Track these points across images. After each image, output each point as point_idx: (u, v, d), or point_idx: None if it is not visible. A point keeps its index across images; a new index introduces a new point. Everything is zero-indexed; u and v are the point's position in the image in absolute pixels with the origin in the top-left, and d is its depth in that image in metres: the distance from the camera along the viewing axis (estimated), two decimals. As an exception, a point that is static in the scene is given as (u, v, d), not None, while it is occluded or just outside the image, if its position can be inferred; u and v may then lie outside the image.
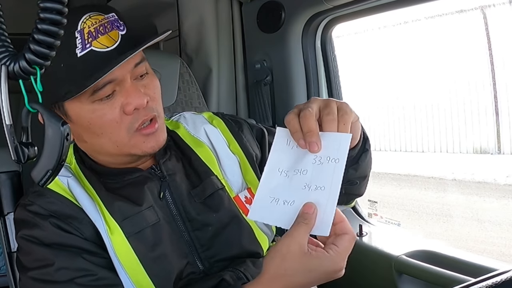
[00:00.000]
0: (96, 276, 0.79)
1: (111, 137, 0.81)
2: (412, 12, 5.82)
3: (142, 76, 0.82)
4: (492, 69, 5.44)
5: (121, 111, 0.79)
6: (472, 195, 4.92)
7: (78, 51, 0.74)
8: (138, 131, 0.81)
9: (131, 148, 0.82)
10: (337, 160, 0.67)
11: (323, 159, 0.68)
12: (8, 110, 0.47)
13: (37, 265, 0.79)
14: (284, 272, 0.68)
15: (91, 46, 0.75)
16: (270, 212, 0.70)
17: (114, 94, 0.78)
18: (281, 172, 0.70)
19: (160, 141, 0.84)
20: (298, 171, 0.69)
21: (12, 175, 1.11)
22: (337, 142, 0.68)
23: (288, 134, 0.70)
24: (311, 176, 0.68)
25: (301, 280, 0.69)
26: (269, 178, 0.70)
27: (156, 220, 0.84)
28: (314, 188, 0.68)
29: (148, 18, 1.92)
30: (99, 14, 0.77)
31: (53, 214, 0.81)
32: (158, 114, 0.83)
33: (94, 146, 0.85)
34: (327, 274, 0.69)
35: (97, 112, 0.78)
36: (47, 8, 0.43)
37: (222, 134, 0.98)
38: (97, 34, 0.75)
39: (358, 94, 6.61)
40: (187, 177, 0.90)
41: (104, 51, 0.76)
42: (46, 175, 0.49)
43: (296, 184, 0.69)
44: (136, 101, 0.78)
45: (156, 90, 0.84)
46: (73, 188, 0.84)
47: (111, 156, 0.85)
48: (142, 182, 0.86)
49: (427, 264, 1.17)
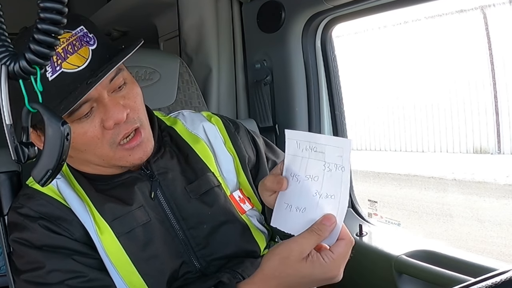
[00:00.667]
0: (87, 277, 0.79)
1: (96, 153, 0.80)
2: (412, 12, 5.81)
3: (120, 87, 0.80)
4: (492, 69, 5.44)
5: (101, 126, 0.78)
6: (472, 195, 4.92)
7: (49, 75, 0.72)
8: (121, 146, 0.80)
9: (118, 161, 0.82)
10: (343, 168, 0.67)
11: (331, 166, 0.67)
12: (8, 110, 0.47)
13: (29, 267, 0.80)
14: (278, 274, 0.69)
15: (61, 68, 0.73)
16: (285, 219, 0.70)
17: (93, 111, 0.77)
18: (293, 177, 0.69)
19: (148, 150, 0.83)
20: (310, 176, 0.68)
21: (12, 175, 1.11)
22: (340, 148, 0.67)
23: (297, 136, 0.69)
24: (322, 183, 0.68)
25: (293, 284, 0.70)
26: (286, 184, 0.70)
27: (147, 219, 0.83)
28: (325, 196, 0.68)
29: (148, 18, 1.92)
30: (66, 31, 0.74)
31: (43, 216, 0.81)
32: (141, 124, 0.82)
33: (80, 160, 0.84)
34: (320, 280, 0.70)
35: (78, 131, 0.77)
36: (47, 8, 0.43)
37: (220, 132, 0.97)
38: (65, 55, 0.73)
39: (358, 94, 6.61)
40: (182, 174, 0.90)
41: (76, 71, 0.73)
42: (46, 174, 0.49)
43: (307, 191, 0.68)
44: (115, 116, 0.77)
45: (137, 98, 0.82)
46: (63, 189, 0.84)
47: (98, 167, 0.85)
48: (132, 182, 0.86)
49: (427, 264, 1.17)
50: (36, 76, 0.46)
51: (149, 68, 1.31)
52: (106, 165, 0.84)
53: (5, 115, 0.47)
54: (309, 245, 0.67)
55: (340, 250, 0.69)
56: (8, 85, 0.46)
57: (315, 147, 0.67)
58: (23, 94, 0.47)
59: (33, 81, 0.46)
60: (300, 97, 1.46)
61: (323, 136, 0.68)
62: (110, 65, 0.73)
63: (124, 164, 0.83)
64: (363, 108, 6.90)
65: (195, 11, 1.55)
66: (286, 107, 1.48)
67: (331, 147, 0.67)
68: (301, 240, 0.68)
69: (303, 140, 0.68)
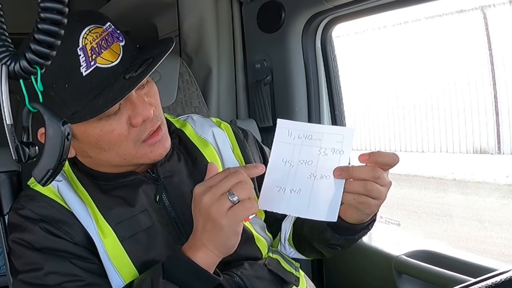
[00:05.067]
0: (85, 282, 0.79)
1: (119, 152, 0.80)
2: (412, 12, 5.82)
3: (143, 86, 0.81)
4: (492, 69, 5.44)
5: (128, 124, 0.78)
6: (472, 195, 4.93)
7: (83, 70, 0.72)
8: (145, 142, 0.80)
9: (139, 158, 0.82)
10: (342, 152, 0.71)
11: (328, 151, 0.71)
12: (9, 110, 0.47)
13: (27, 268, 0.79)
14: (201, 225, 0.72)
15: (96, 63, 0.72)
16: (278, 201, 0.72)
17: (120, 108, 0.77)
18: (285, 162, 0.72)
19: (166, 146, 0.84)
20: (303, 161, 0.71)
21: (12, 174, 1.11)
22: (340, 135, 0.71)
23: (289, 125, 0.72)
24: (316, 166, 0.71)
25: (215, 229, 0.70)
26: (274, 169, 0.72)
27: (150, 224, 0.83)
28: (319, 177, 0.71)
29: (148, 18, 1.92)
30: (98, 26, 0.74)
31: (43, 218, 0.81)
32: (162, 121, 0.83)
33: (99, 160, 0.83)
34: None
35: (105, 129, 0.77)
36: (47, 7, 0.43)
37: (229, 138, 0.97)
38: (100, 50, 0.73)
39: (358, 94, 6.61)
40: (189, 177, 0.90)
41: (109, 66, 0.74)
42: (47, 174, 0.49)
43: (302, 174, 0.71)
44: (144, 113, 0.77)
45: (157, 96, 0.84)
46: (64, 192, 0.83)
47: (115, 167, 0.85)
48: (137, 185, 0.86)
49: (427, 264, 1.17)
50: (36, 76, 0.46)
51: (149, 68, 1.31)
52: (125, 164, 0.83)
53: (6, 115, 0.47)
54: (213, 178, 0.70)
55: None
56: (9, 85, 0.46)
57: (310, 136, 0.71)
58: (24, 94, 0.47)
59: (34, 80, 0.46)
60: (300, 97, 1.47)
61: (321, 126, 0.72)
62: (149, 63, 0.74)
63: (145, 161, 0.83)
64: (363, 108, 6.90)
65: (195, 11, 1.55)
66: (286, 107, 1.48)
67: (330, 134, 0.71)
68: (205, 180, 0.72)
69: (296, 129, 0.71)
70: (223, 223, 0.69)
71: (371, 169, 0.71)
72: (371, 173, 0.70)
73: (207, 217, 0.70)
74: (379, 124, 6.91)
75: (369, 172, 0.71)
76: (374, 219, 0.85)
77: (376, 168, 0.71)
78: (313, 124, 0.73)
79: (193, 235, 0.74)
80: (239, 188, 0.69)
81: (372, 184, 0.71)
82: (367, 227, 0.85)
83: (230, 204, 0.68)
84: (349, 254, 1.33)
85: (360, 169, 0.71)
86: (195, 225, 0.73)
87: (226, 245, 0.72)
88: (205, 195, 0.69)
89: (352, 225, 0.80)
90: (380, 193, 0.72)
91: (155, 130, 0.81)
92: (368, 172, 0.71)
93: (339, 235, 0.83)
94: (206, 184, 0.71)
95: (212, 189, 0.69)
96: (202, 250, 0.72)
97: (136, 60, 0.77)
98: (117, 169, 0.85)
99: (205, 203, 0.69)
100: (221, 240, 0.71)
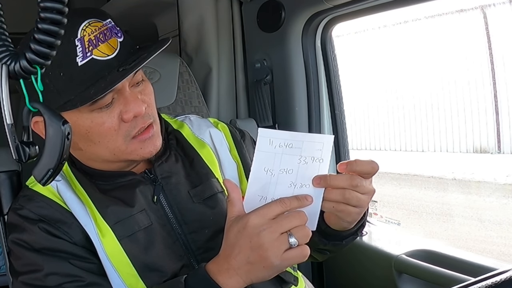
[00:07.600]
0: (85, 282, 0.79)
1: (108, 145, 0.80)
2: (412, 12, 5.82)
3: (138, 83, 0.82)
4: (492, 68, 5.45)
5: (119, 119, 0.79)
6: (472, 195, 4.93)
7: (79, 60, 0.73)
8: (135, 138, 0.81)
9: (129, 154, 0.82)
10: (321, 160, 0.71)
11: (308, 159, 0.71)
12: (9, 110, 0.47)
13: (27, 269, 0.79)
14: (239, 248, 0.68)
15: (92, 54, 0.74)
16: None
17: (113, 102, 0.78)
18: (267, 172, 0.72)
19: (157, 145, 0.84)
20: (284, 170, 0.71)
21: (12, 174, 1.11)
22: (320, 143, 0.71)
23: (271, 134, 0.72)
24: (296, 175, 0.71)
25: (254, 257, 0.67)
26: (257, 178, 0.72)
27: (148, 223, 0.83)
28: (299, 186, 0.71)
29: (148, 18, 1.92)
30: (98, 20, 0.76)
31: (42, 218, 0.81)
32: (154, 120, 0.84)
33: (89, 154, 0.84)
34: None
35: (96, 121, 0.77)
36: (47, 7, 0.43)
37: (226, 139, 0.98)
38: (97, 42, 0.75)
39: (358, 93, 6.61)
40: (186, 178, 0.90)
41: (105, 59, 0.75)
42: (47, 174, 0.49)
43: (283, 183, 0.72)
44: (136, 109, 0.78)
45: (151, 95, 0.84)
46: (63, 192, 0.84)
47: (106, 163, 0.85)
48: (135, 185, 0.86)
49: (427, 264, 1.17)
50: (36, 76, 0.46)
51: (149, 67, 1.31)
52: (115, 160, 0.83)
53: (6, 115, 0.47)
54: (270, 210, 0.66)
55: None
56: (8, 85, 0.46)
57: (290, 144, 0.71)
58: (24, 93, 0.47)
59: (34, 80, 0.46)
60: (300, 97, 1.47)
61: (302, 134, 0.72)
62: (143, 57, 0.75)
63: (134, 158, 0.83)
64: (363, 108, 6.90)
65: (195, 10, 1.55)
66: (286, 107, 1.48)
67: (310, 142, 0.71)
68: (260, 209, 0.67)
69: (277, 138, 0.72)
70: (275, 263, 0.66)
71: (349, 177, 0.71)
72: (349, 182, 0.70)
73: (257, 252, 0.66)
74: (379, 123, 6.91)
75: (346, 180, 0.70)
76: (363, 225, 0.85)
77: (354, 176, 0.71)
78: (294, 132, 0.73)
79: (227, 260, 0.69)
80: (301, 232, 0.66)
81: (350, 192, 0.71)
82: (355, 233, 0.86)
83: (288, 246, 0.66)
84: (349, 254, 1.34)
85: (338, 178, 0.71)
86: (232, 250, 0.68)
87: (263, 278, 0.70)
88: (265, 231, 0.65)
89: (337, 231, 0.81)
90: (359, 201, 0.72)
91: (146, 128, 0.82)
92: (346, 181, 0.70)
93: (326, 240, 0.85)
94: (264, 215, 0.66)
95: (273, 226, 0.65)
96: (234, 279, 0.68)
97: (132, 56, 0.78)
98: (109, 165, 0.85)
99: (263, 238, 0.65)
100: (262, 276, 0.69)
